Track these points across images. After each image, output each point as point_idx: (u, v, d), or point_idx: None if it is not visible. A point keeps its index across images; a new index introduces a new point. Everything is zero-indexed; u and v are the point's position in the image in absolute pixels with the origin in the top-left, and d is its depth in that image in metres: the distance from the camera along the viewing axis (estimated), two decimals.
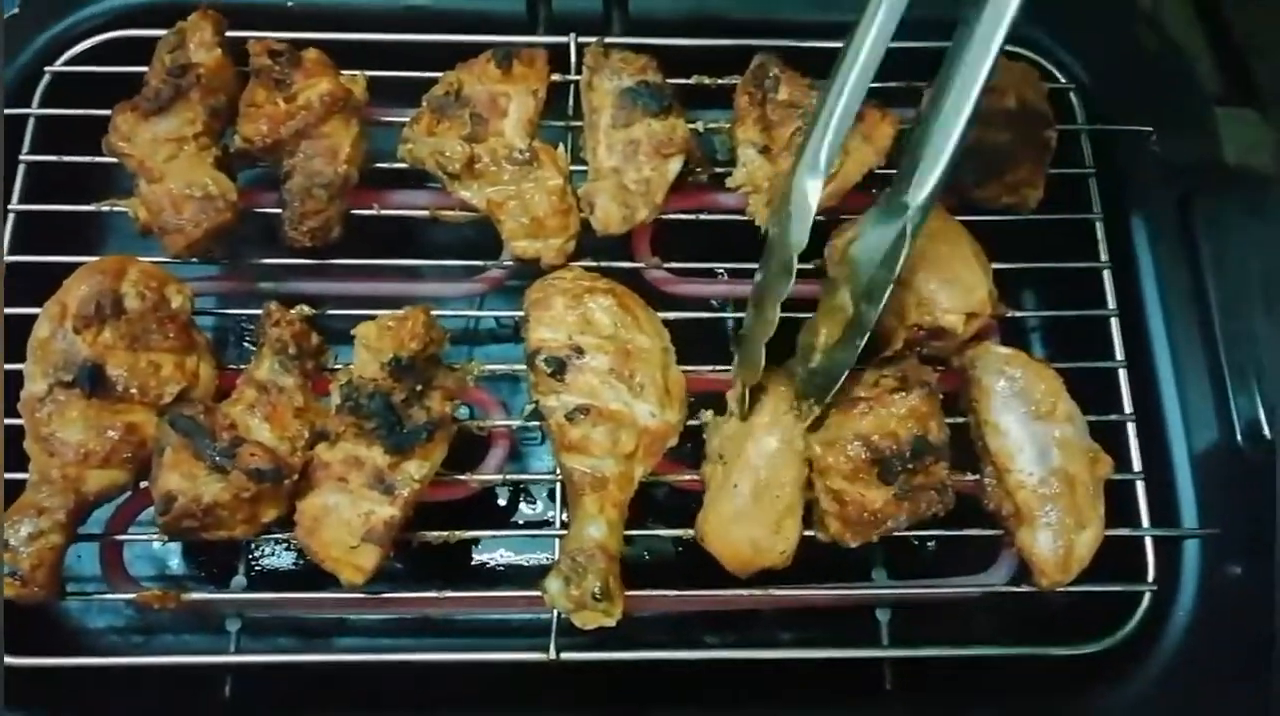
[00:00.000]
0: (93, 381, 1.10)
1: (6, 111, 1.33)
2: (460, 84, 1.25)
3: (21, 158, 1.31)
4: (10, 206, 1.29)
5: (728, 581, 1.22)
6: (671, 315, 1.24)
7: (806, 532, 1.18)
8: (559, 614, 1.12)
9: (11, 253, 1.27)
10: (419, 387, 1.14)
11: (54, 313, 1.14)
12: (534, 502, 1.42)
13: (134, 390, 1.13)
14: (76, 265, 1.18)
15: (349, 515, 1.10)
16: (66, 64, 1.36)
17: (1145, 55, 1.46)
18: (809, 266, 1.27)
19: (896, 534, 1.17)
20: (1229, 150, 1.45)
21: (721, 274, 1.38)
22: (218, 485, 1.08)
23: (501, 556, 1.40)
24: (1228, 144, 1.45)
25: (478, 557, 1.40)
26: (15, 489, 1.12)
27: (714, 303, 1.43)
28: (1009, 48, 1.35)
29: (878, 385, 1.18)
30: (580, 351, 1.13)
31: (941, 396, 1.18)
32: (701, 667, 1.21)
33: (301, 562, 1.37)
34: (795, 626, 1.33)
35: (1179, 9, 1.52)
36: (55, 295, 1.15)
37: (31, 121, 1.33)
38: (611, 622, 1.07)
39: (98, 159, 1.27)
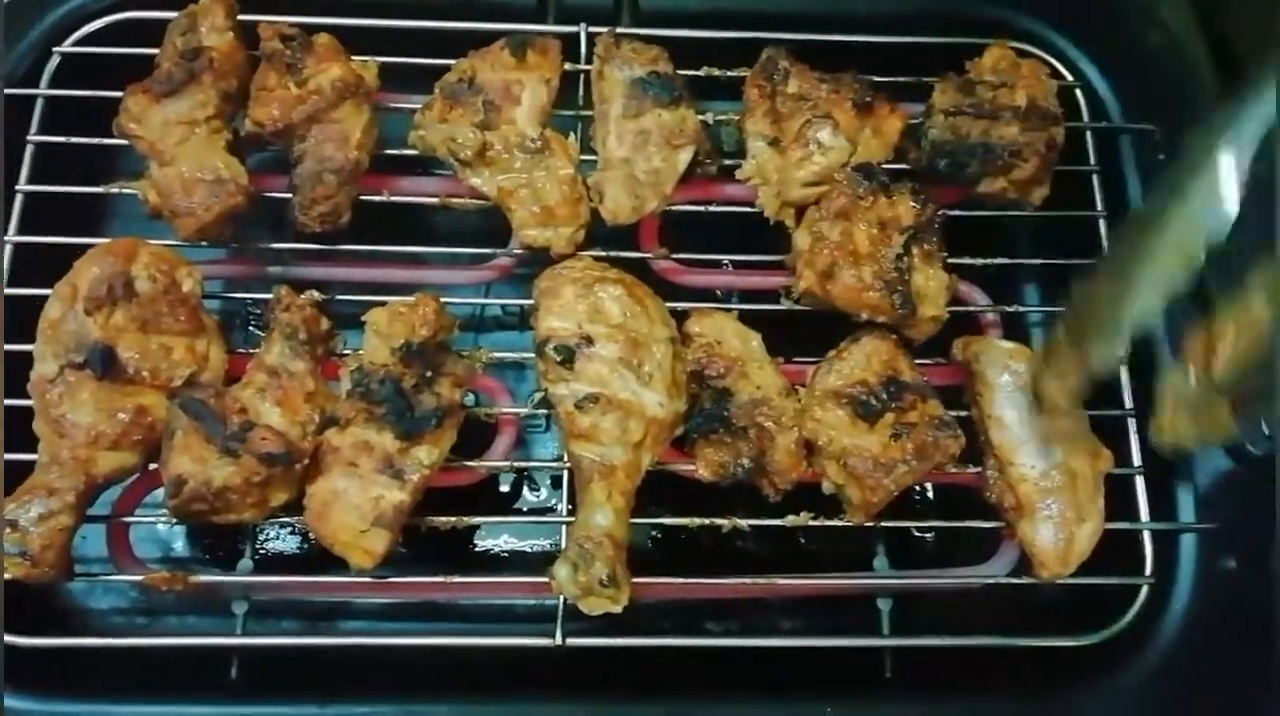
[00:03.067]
0: (104, 363, 1.11)
1: (16, 91, 1.33)
2: (474, 71, 1.26)
3: (30, 138, 1.30)
4: (18, 187, 1.28)
5: (731, 569, 1.24)
6: (680, 305, 1.25)
7: (814, 522, 1.19)
8: (564, 599, 1.13)
9: (19, 233, 1.27)
10: (429, 374, 1.14)
11: (65, 294, 1.14)
12: (538, 489, 1.43)
13: (145, 372, 1.13)
14: (85, 247, 1.18)
15: (359, 499, 1.11)
16: (75, 44, 1.36)
17: (1150, 53, 1.47)
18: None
19: (901, 523, 1.19)
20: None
21: (727, 265, 1.39)
22: (228, 469, 1.08)
23: (506, 542, 1.41)
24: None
25: (482, 543, 1.40)
26: (10, 468, 1.12)
27: (719, 293, 1.44)
28: (1019, 45, 1.38)
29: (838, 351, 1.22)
30: (590, 340, 1.14)
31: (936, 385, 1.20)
32: (705, 654, 1.22)
33: (308, 545, 1.38)
34: (798, 614, 1.34)
35: (1176, 3, 1.53)
36: (66, 276, 1.15)
37: (40, 102, 1.32)
38: (618, 609, 1.08)
39: (106, 140, 1.27)
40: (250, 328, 1.46)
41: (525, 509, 1.43)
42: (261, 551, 1.38)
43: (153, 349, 1.13)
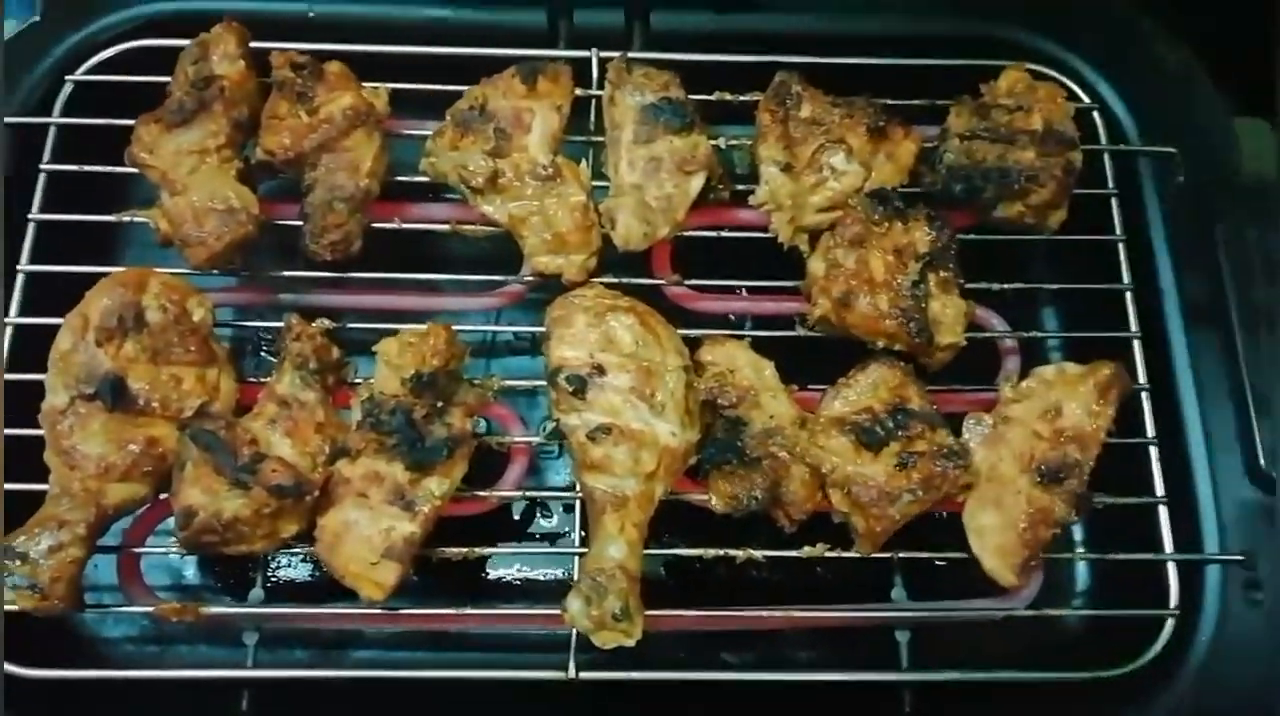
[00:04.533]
0: (114, 394, 1.10)
1: (29, 120, 1.33)
2: (485, 98, 1.25)
3: (42, 167, 1.30)
4: (30, 215, 1.28)
5: (747, 600, 1.22)
6: (694, 332, 1.23)
7: (830, 553, 1.17)
8: (577, 632, 1.11)
9: (31, 262, 1.26)
10: (440, 404, 1.13)
11: (76, 324, 1.14)
12: (550, 516, 1.42)
13: (155, 403, 1.12)
14: (96, 275, 1.18)
15: (369, 531, 1.10)
16: (87, 73, 1.36)
17: (1168, 76, 1.45)
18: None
19: (919, 554, 1.17)
20: (1268, 157, 1.44)
21: (741, 290, 1.37)
22: (239, 501, 1.08)
23: (518, 571, 1.39)
24: (1267, 150, 1.44)
25: (494, 572, 1.39)
26: (20, 499, 1.11)
27: (733, 318, 1.42)
28: (1035, 67, 1.36)
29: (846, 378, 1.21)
30: (602, 370, 1.13)
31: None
32: (720, 686, 1.20)
33: (319, 574, 1.36)
34: (814, 646, 1.32)
35: (1194, 26, 1.52)
36: (77, 307, 1.15)
37: (52, 130, 1.32)
38: (631, 643, 1.06)
39: (118, 169, 1.27)
40: (262, 354, 1.46)
41: (538, 535, 1.41)
42: (273, 579, 1.37)
43: (163, 380, 1.13)
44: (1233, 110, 1.47)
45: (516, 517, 1.41)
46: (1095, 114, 1.39)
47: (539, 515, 1.42)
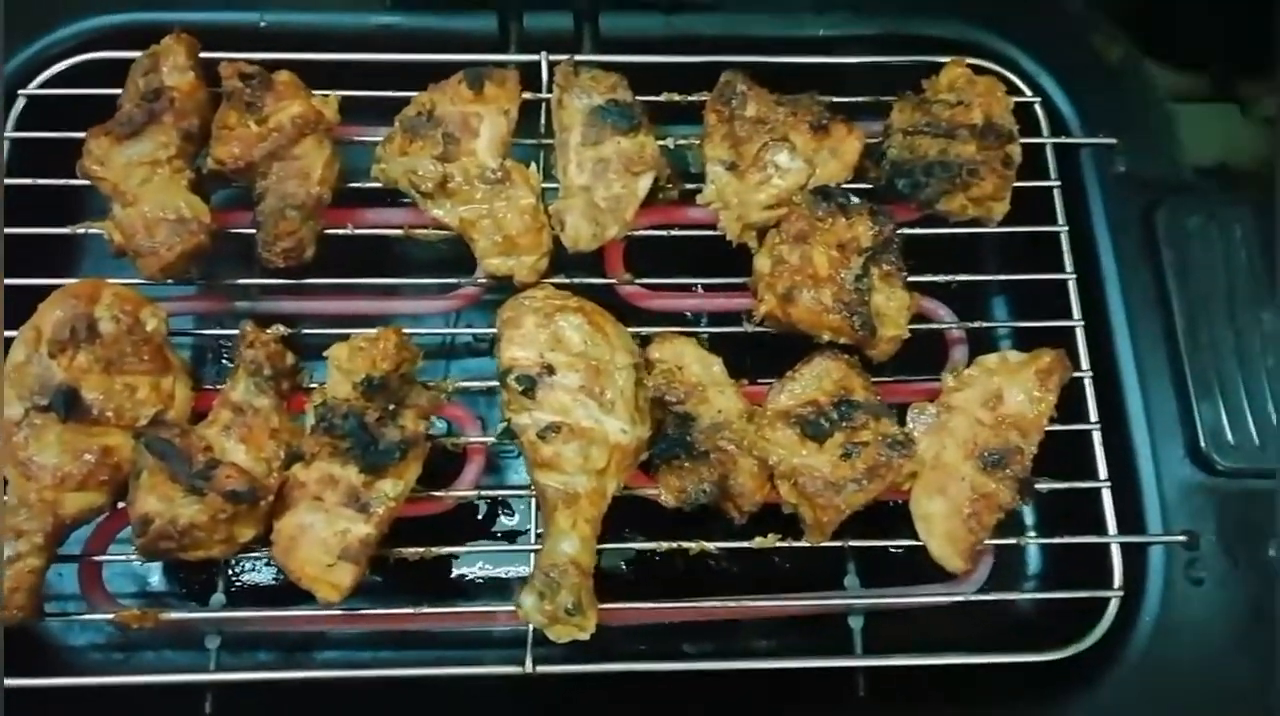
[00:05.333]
0: (68, 405, 1.11)
1: None
2: (432, 104, 1.27)
3: None
4: None
5: (705, 591, 1.24)
6: (646, 330, 1.25)
7: (782, 544, 1.19)
8: (533, 626, 1.13)
9: None
10: (392, 407, 1.15)
11: (29, 337, 1.15)
12: (511, 514, 1.44)
13: (110, 413, 1.13)
14: (52, 288, 1.19)
15: (325, 533, 1.11)
16: (40, 87, 1.37)
17: (1109, 68, 1.48)
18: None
19: (870, 542, 1.20)
20: (1210, 147, 1.47)
21: (697, 288, 1.39)
22: (194, 507, 1.09)
23: (479, 569, 1.41)
24: (1209, 140, 1.47)
25: (455, 570, 1.41)
26: None
27: (688, 315, 1.44)
28: (976, 61, 1.39)
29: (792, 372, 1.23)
30: (551, 369, 1.14)
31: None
32: (678, 677, 1.22)
33: (281, 577, 1.37)
34: (771, 634, 1.34)
35: (1134, 19, 1.55)
36: (30, 320, 1.16)
37: (5, 144, 1.33)
38: (585, 636, 1.08)
39: (72, 182, 1.27)
40: (223, 361, 1.47)
41: (498, 534, 1.43)
42: (236, 583, 1.39)
43: (117, 389, 1.14)
44: (1180, 97, 1.50)
45: (478, 517, 1.43)
46: (1037, 107, 1.42)
47: (500, 513, 1.44)
